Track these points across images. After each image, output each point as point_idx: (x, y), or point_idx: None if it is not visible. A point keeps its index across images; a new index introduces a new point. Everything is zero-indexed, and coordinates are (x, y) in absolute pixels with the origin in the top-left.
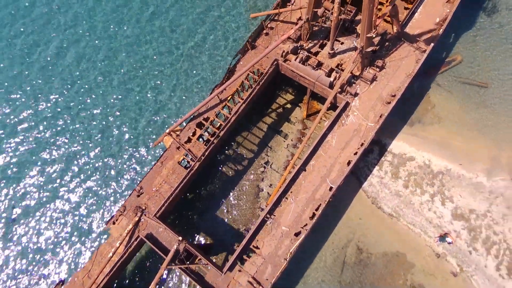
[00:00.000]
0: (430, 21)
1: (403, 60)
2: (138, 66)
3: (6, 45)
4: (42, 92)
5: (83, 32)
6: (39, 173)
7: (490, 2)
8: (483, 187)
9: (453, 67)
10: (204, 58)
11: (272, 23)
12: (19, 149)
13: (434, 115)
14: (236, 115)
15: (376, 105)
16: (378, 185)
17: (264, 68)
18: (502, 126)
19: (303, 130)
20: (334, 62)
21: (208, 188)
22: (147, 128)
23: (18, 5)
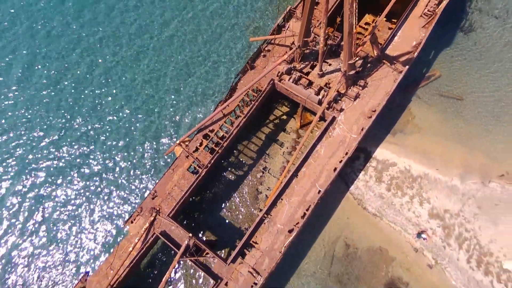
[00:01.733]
0: (408, 44)
1: (382, 80)
2: (156, 88)
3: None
4: (73, 112)
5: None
6: (70, 180)
7: (466, 22)
8: (457, 189)
9: (432, 81)
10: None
11: (269, 46)
12: (53, 159)
13: (414, 126)
14: (237, 128)
15: (359, 119)
16: (363, 188)
17: (262, 86)
18: (475, 135)
19: (297, 139)
20: (323, 81)
21: (213, 191)
22: (161, 139)
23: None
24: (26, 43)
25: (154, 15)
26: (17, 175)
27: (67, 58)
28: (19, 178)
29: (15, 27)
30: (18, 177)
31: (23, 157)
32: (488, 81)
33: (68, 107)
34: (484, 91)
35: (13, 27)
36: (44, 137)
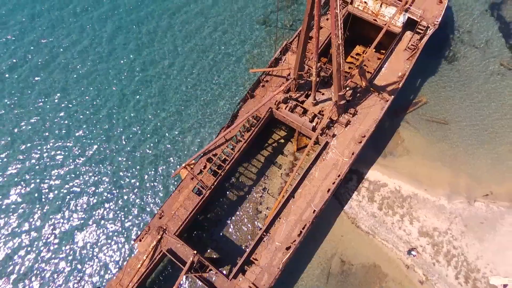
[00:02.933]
0: (394, 75)
1: (371, 108)
2: (164, 115)
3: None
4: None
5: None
6: (81, 201)
7: (450, 52)
8: (444, 208)
9: (419, 107)
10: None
11: (267, 77)
12: (69, 180)
13: (404, 148)
14: (238, 152)
15: (350, 144)
16: (357, 207)
17: (261, 114)
18: (460, 157)
19: (294, 162)
20: (316, 109)
21: (216, 210)
22: (167, 163)
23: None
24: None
25: (163, 48)
26: (33, 194)
27: (73, 84)
28: (35, 199)
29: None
30: (35, 197)
31: (38, 178)
32: (470, 107)
33: (82, 130)
34: (467, 116)
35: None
36: (61, 159)
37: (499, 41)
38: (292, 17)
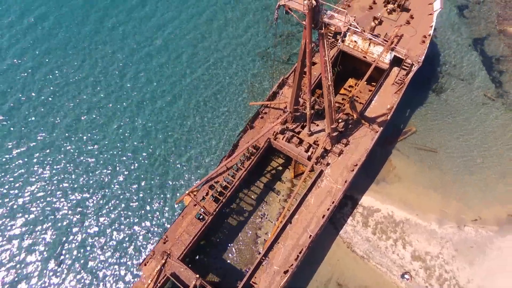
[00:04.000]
0: (383, 108)
1: (362, 139)
2: (168, 144)
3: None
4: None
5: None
6: (87, 225)
7: (438, 84)
8: (435, 233)
9: (409, 136)
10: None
11: (265, 109)
12: (76, 205)
13: (395, 175)
14: (239, 180)
15: (343, 172)
16: (351, 232)
17: (260, 144)
18: (449, 183)
19: (291, 188)
20: (311, 139)
21: (217, 235)
22: (172, 190)
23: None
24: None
25: (164, 76)
26: (39, 219)
27: (81, 116)
28: (42, 222)
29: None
30: (41, 221)
31: (45, 204)
32: (458, 136)
33: (89, 158)
34: (455, 144)
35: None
36: (68, 185)
37: (483, 73)
38: (288, 52)
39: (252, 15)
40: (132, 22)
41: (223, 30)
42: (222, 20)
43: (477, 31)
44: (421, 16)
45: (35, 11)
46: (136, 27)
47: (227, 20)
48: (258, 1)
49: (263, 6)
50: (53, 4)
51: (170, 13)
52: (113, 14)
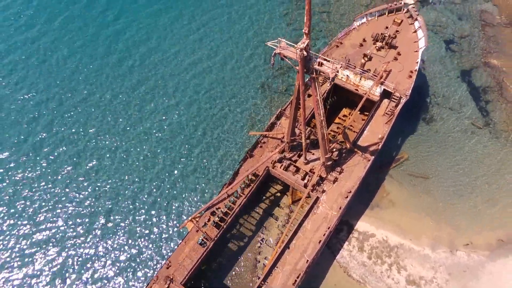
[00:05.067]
0: (375, 137)
1: (355, 167)
2: (171, 173)
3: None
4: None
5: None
6: (91, 250)
7: (428, 113)
8: (429, 258)
9: (401, 163)
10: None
11: (264, 139)
12: (81, 235)
13: (389, 201)
14: (239, 206)
15: (338, 199)
16: (348, 257)
17: (259, 172)
18: (440, 209)
19: (289, 214)
20: (308, 167)
21: (218, 260)
22: (175, 216)
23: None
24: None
25: (177, 106)
26: (43, 240)
27: (83, 145)
28: (46, 244)
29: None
30: (45, 242)
31: (51, 226)
32: (448, 163)
33: (93, 184)
34: (446, 171)
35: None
36: (72, 208)
37: (470, 103)
38: (286, 82)
39: (253, 48)
40: (134, 57)
41: (226, 63)
42: (224, 54)
43: (463, 63)
44: (408, 53)
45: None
46: (140, 59)
47: (228, 55)
48: (258, 36)
49: (262, 41)
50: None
51: (175, 48)
52: (116, 50)
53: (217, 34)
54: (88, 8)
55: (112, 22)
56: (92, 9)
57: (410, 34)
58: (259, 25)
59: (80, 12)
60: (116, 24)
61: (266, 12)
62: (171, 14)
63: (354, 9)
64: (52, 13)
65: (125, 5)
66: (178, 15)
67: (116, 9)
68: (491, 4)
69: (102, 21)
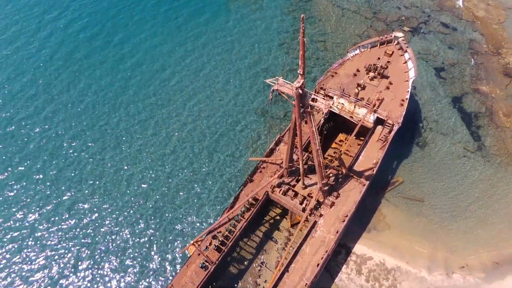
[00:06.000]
0: (370, 162)
1: (351, 191)
2: (174, 199)
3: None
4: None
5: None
6: (96, 266)
7: (421, 138)
8: (425, 280)
9: (396, 186)
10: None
11: (264, 164)
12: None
13: (385, 224)
14: (240, 230)
15: (335, 223)
16: (346, 279)
17: (259, 196)
18: (436, 231)
19: (289, 237)
20: (306, 191)
21: (219, 283)
22: (177, 240)
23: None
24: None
25: (180, 133)
26: (44, 267)
27: (88, 177)
28: (48, 270)
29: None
30: (47, 268)
31: (55, 254)
32: (441, 186)
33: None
34: (439, 194)
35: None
36: (77, 229)
37: (462, 128)
38: (284, 109)
39: (253, 76)
40: (148, 85)
41: (228, 91)
42: (228, 83)
43: (454, 90)
44: (399, 82)
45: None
46: (154, 90)
47: (232, 84)
48: (258, 65)
49: (262, 69)
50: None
51: (186, 81)
52: (121, 80)
53: (220, 62)
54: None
55: (128, 56)
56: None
57: (401, 64)
58: (259, 54)
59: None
60: (132, 57)
61: (267, 42)
62: (181, 48)
63: (349, 38)
64: (69, 47)
65: (141, 43)
66: (189, 49)
67: (129, 44)
68: (478, 34)
69: (119, 55)
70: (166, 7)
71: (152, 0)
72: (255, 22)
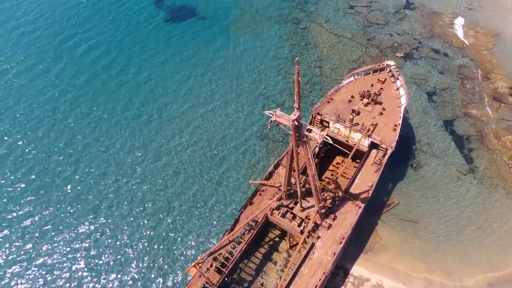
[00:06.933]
0: (365, 185)
1: (348, 214)
2: (176, 222)
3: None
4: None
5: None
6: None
7: (415, 161)
8: None
9: (392, 208)
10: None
11: (263, 187)
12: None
13: (382, 245)
14: (240, 252)
15: (332, 245)
16: None
17: (259, 218)
18: (431, 253)
19: (288, 258)
20: (304, 214)
21: None
22: (179, 261)
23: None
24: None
25: (174, 161)
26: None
27: (91, 196)
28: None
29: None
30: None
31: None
32: (436, 208)
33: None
34: (434, 216)
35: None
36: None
37: (454, 150)
38: (283, 131)
39: (253, 102)
40: (150, 110)
41: (229, 116)
42: (229, 108)
43: (445, 114)
44: (392, 108)
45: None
46: (158, 112)
47: (234, 109)
48: (256, 91)
49: (261, 94)
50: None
51: (187, 102)
52: (115, 117)
53: (222, 88)
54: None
55: (133, 77)
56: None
57: (393, 91)
58: (259, 79)
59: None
60: (137, 79)
61: (266, 67)
62: (186, 74)
63: (344, 64)
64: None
65: (151, 67)
66: (196, 75)
67: (136, 66)
68: (468, 59)
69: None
70: (174, 37)
71: (162, 30)
72: (256, 49)
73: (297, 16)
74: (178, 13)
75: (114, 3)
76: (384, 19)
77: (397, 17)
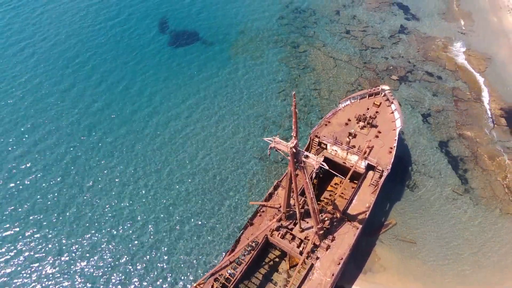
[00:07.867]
0: (363, 206)
1: (346, 234)
2: (179, 242)
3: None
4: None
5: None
6: None
7: (411, 181)
8: None
9: (390, 228)
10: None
11: (263, 208)
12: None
13: (380, 265)
14: (240, 273)
15: (331, 265)
16: None
17: (259, 239)
18: (428, 272)
19: (287, 279)
20: (303, 235)
21: None
22: (179, 283)
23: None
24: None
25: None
26: None
27: (100, 216)
28: None
29: None
30: None
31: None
32: (432, 228)
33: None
34: (431, 236)
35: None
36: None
37: (450, 171)
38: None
39: (254, 126)
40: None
41: (231, 139)
42: (231, 131)
43: (440, 135)
44: (387, 131)
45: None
46: (169, 135)
47: (234, 132)
48: (257, 113)
49: (261, 115)
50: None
51: (191, 127)
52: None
53: (222, 110)
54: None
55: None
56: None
57: (388, 114)
58: (260, 102)
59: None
60: (149, 105)
61: (267, 90)
62: (192, 97)
63: (341, 86)
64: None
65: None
66: (200, 98)
67: (147, 91)
68: (461, 82)
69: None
70: (178, 60)
71: (166, 55)
72: (256, 73)
73: (296, 40)
74: (182, 39)
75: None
76: (379, 43)
77: (392, 41)
